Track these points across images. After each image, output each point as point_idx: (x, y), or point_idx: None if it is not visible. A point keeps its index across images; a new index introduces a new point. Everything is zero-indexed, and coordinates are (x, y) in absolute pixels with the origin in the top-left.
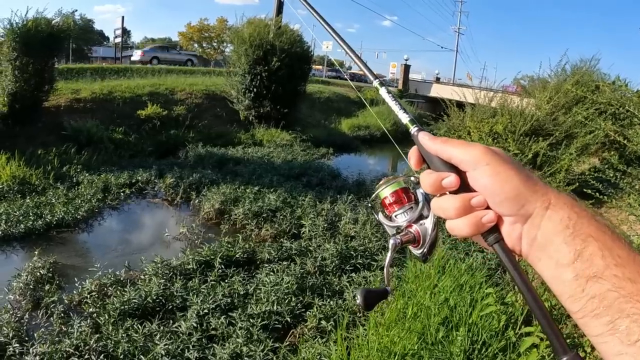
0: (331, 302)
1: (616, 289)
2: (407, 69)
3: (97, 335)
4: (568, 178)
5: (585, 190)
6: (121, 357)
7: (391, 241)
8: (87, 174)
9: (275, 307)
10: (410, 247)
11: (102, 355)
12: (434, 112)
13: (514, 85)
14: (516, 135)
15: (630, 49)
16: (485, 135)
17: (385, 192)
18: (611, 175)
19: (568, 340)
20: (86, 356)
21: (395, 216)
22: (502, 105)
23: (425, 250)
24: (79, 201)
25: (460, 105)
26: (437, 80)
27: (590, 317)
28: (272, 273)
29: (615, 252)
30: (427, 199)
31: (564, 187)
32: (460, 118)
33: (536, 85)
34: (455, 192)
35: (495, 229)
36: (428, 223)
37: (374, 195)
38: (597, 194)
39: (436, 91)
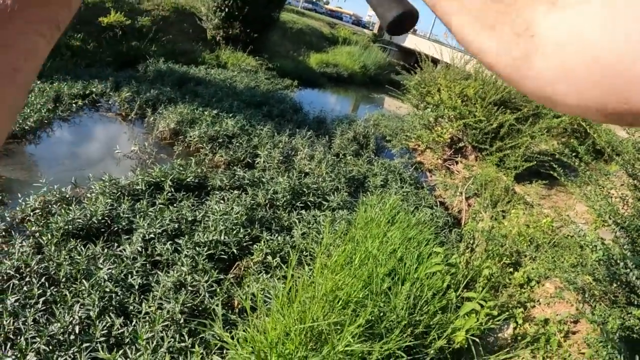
0: (279, 238)
1: None
2: None
3: (39, 256)
4: (527, 154)
5: (540, 170)
6: (63, 280)
7: None
8: (38, 82)
9: (222, 237)
10: None
11: (44, 277)
12: (405, 62)
13: None
14: (485, 102)
15: None
16: (454, 95)
17: None
18: (576, 163)
19: (503, 310)
20: (27, 279)
21: None
22: (477, 71)
23: None
24: (28, 110)
25: (435, 61)
26: (414, 31)
27: None
28: (222, 201)
29: None
30: None
31: (522, 162)
32: (432, 73)
33: None
34: None
35: None
36: None
37: None
38: (559, 176)
39: (413, 43)
